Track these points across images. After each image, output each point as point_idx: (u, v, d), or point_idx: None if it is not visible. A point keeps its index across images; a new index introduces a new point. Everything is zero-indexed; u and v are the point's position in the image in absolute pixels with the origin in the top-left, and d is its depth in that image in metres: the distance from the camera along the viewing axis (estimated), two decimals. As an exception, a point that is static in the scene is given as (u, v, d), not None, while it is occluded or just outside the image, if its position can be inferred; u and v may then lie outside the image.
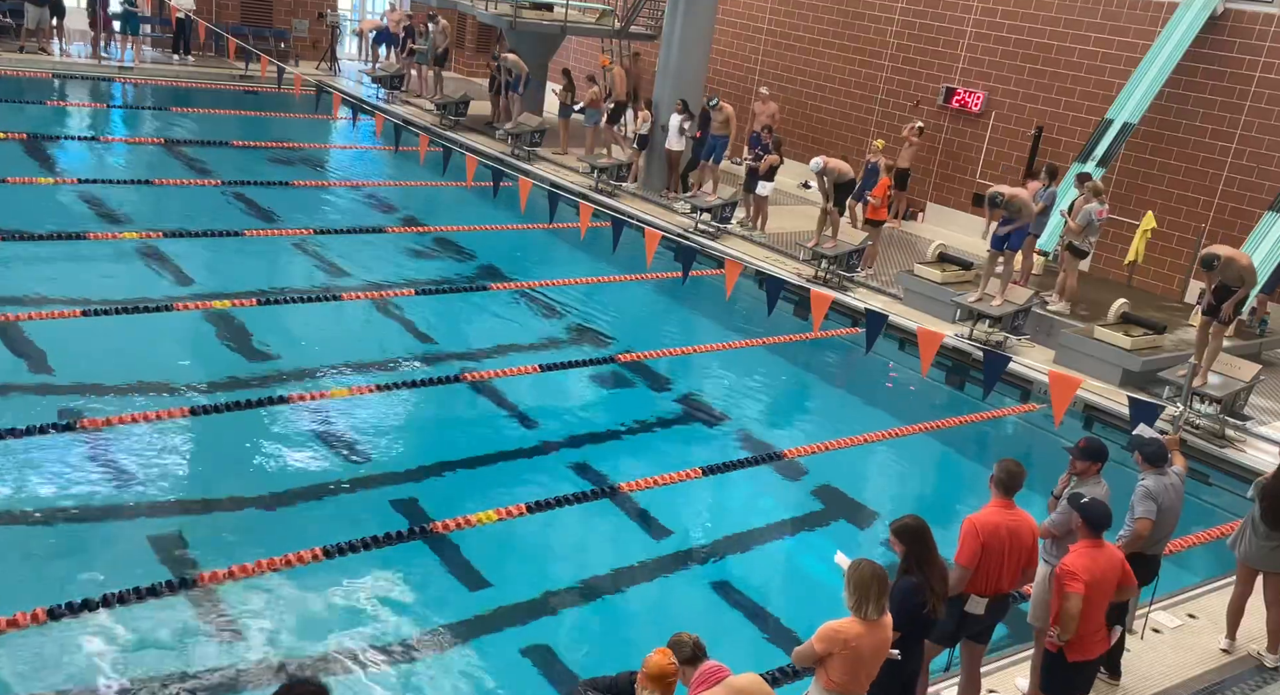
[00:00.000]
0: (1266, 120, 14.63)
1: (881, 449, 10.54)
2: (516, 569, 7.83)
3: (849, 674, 4.98)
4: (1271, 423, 11.50)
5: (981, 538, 5.78)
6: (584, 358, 11.92)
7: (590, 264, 15.05)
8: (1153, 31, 15.66)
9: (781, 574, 8.61)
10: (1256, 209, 14.54)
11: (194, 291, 12.05)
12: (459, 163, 14.06)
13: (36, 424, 8.51)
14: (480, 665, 6.75)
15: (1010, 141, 17.69)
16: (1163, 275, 15.79)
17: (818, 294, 9.85)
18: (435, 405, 10.46)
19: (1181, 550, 8.88)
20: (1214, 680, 7.03)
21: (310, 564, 7.32)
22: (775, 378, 12.50)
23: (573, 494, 8.74)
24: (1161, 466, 6.58)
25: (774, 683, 6.36)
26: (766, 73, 21.68)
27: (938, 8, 18.55)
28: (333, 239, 14.53)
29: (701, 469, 9.44)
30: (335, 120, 21.39)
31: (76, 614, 6.54)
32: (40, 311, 10.74)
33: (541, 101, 22.04)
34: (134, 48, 23.49)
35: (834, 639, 4.95)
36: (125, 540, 7.51)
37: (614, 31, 22.07)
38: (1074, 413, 11.35)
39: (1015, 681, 6.68)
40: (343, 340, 11.62)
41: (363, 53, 25.79)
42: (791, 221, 17.34)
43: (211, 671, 6.33)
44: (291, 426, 9.43)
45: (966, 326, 13.05)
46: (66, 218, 13.79)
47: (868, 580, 4.96)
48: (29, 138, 16.97)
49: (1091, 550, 5.71)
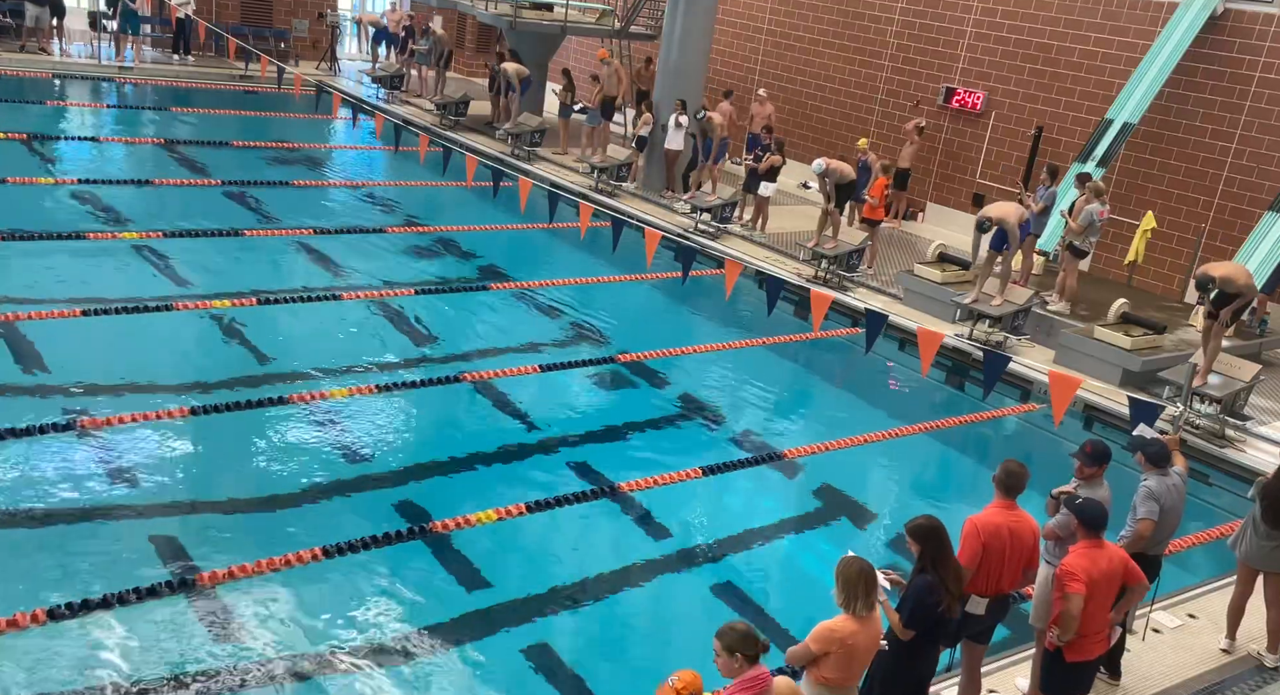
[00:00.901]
0: (1266, 120, 14.63)
1: (881, 449, 10.53)
2: (516, 569, 7.83)
3: (843, 670, 5.00)
4: (1271, 423, 11.50)
5: (983, 538, 5.78)
6: (584, 358, 11.91)
7: (590, 264, 15.05)
8: (1153, 31, 15.66)
9: (781, 574, 8.60)
10: (1256, 209, 14.54)
11: (194, 291, 12.05)
12: (459, 163, 14.05)
13: (36, 424, 8.51)
14: (480, 665, 6.75)
15: (1010, 141, 17.69)
16: (1163, 275, 15.79)
17: (818, 294, 9.85)
18: (435, 405, 10.46)
19: (1182, 550, 8.87)
20: (1214, 680, 7.02)
21: (310, 564, 7.32)
22: (775, 378, 12.49)
23: (573, 494, 8.73)
24: (1164, 467, 6.58)
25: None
26: (766, 73, 21.68)
27: (938, 8, 18.55)
28: (333, 239, 14.53)
29: (701, 469, 9.43)
30: (335, 120, 21.38)
31: (76, 614, 6.53)
32: (40, 311, 10.72)
33: (541, 101, 22.05)
34: (134, 48, 23.49)
35: (830, 639, 4.96)
36: (125, 540, 7.50)
37: (614, 31, 22.07)
38: (1074, 413, 11.34)
39: (1015, 681, 6.68)
40: (343, 340, 11.62)
41: (361, 47, 25.74)
42: (791, 221, 17.34)
43: (211, 671, 6.32)
44: (291, 426, 9.43)
45: (966, 326, 13.05)
46: (66, 218, 13.79)
47: (854, 577, 4.98)
48: (29, 137, 16.97)
49: (1092, 550, 5.71)
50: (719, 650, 4.66)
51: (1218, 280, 11.13)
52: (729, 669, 4.67)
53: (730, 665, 4.66)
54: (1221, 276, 11.17)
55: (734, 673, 4.67)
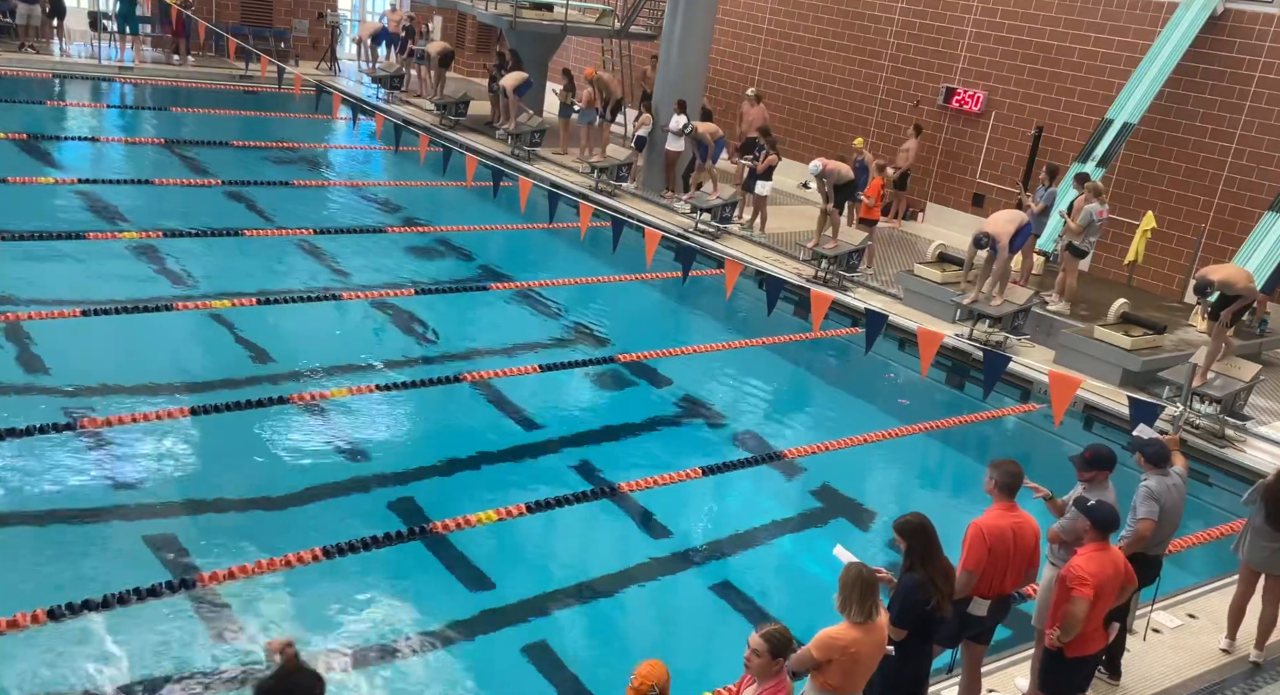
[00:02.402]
0: (1266, 120, 14.63)
1: (881, 449, 10.53)
2: (516, 569, 7.83)
3: (846, 677, 4.97)
4: (1271, 423, 11.50)
5: (988, 542, 5.77)
6: (584, 358, 11.92)
7: (590, 264, 15.05)
8: (1153, 31, 15.66)
9: (781, 574, 8.60)
10: (1256, 209, 14.54)
11: (194, 291, 12.05)
12: (459, 163, 14.05)
13: (36, 424, 8.51)
14: (480, 665, 6.75)
15: (1010, 141, 17.68)
16: (1163, 275, 15.79)
17: (818, 294, 9.85)
18: (435, 405, 10.46)
19: (1181, 550, 8.87)
20: (1214, 680, 7.02)
21: (310, 564, 7.32)
22: (775, 378, 12.50)
23: (573, 494, 8.73)
24: (1164, 467, 6.58)
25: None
26: (766, 73, 21.68)
27: (938, 8, 18.54)
28: (333, 239, 14.53)
29: (701, 469, 9.43)
30: (335, 120, 21.38)
31: (76, 614, 6.53)
32: (40, 311, 10.73)
33: (541, 101, 22.04)
34: (134, 48, 23.48)
35: (831, 647, 4.94)
36: (125, 540, 7.51)
37: (614, 31, 22.07)
38: (1074, 413, 11.34)
39: (1015, 681, 6.68)
40: (343, 340, 11.62)
41: (362, 55, 25.79)
42: (791, 221, 17.34)
43: (212, 672, 6.32)
44: (291, 426, 9.43)
45: (966, 326, 13.05)
46: (66, 218, 13.78)
47: (851, 583, 4.96)
48: (29, 137, 16.97)
49: (1099, 554, 5.71)
50: (762, 651, 4.62)
51: (1217, 283, 11.16)
52: (766, 670, 4.65)
53: (769, 667, 4.64)
54: (1221, 280, 11.20)
55: (769, 675, 4.66)
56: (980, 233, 12.94)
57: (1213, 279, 11.15)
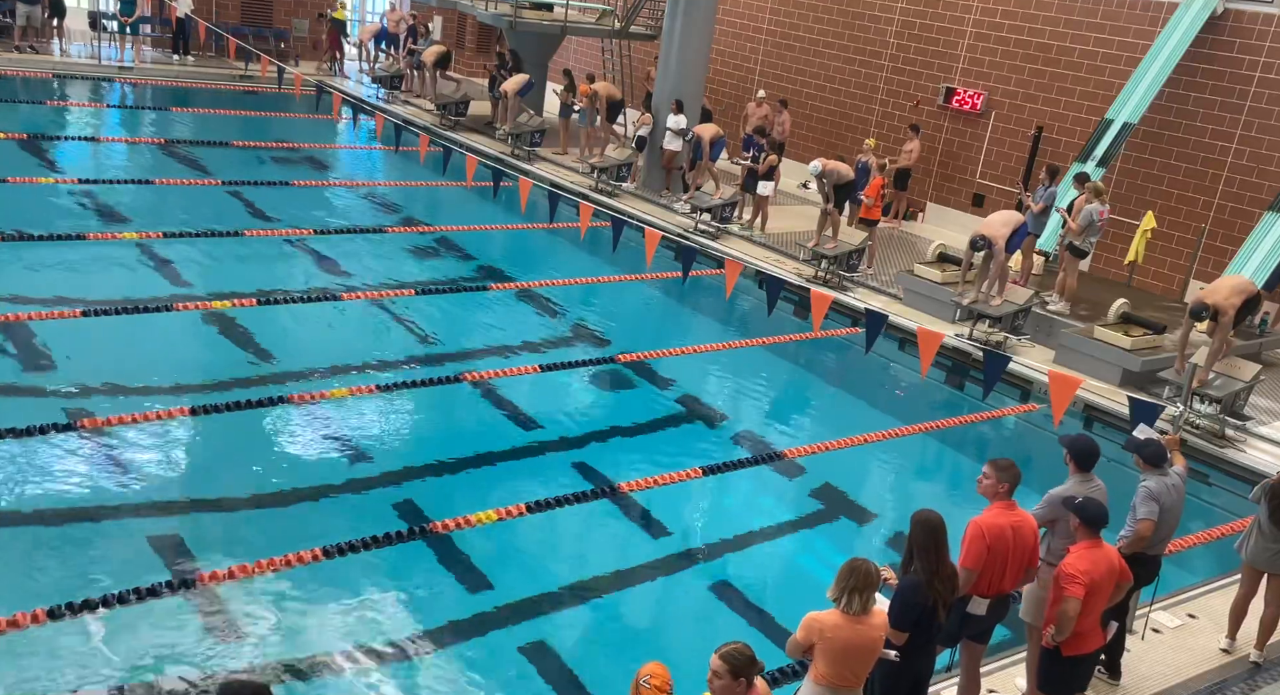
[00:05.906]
0: (1266, 120, 14.63)
1: (881, 449, 10.53)
2: (516, 569, 7.83)
3: (833, 666, 4.99)
4: (1271, 423, 11.50)
5: (988, 540, 5.77)
6: (584, 358, 11.91)
7: (590, 264, 15.05)
8: (1153, 31, 15.66)
9: (781, 574, 8.60)
10: (1256, 209, 14.54)
11: (194, 291, 12.05)
12: (459, 163, 14.06)
13: (37, 424, 8.51)
14: (480, 665, 6.75)
15: (1010, 141, 17.68)
16: (1163, 275, 15.79)
17: (818, 294, 9.85)
18: (435, 405, 10.46)
19: (1181, 550, 8.87)
20: (1214, 680, 7.02)
21: (310, 564, 7.31)
22: (775, 378, 12.50)
23: (573, 494, 8.73)
24: (1162, 467, 6.58)
25: (774, 683, 6.38)
26: (766, 73, 21.68)
27: (938, 8, 18.55)
28: (333, 239, 14.53)
29: (701, 469, 9.43)
30: (336, 120, 21.38)
31: (76, 614, 6.53)
32: (40, 311, 10.73)
33: (541, 101, 22.04)
34: (134, 48, 23.47)
35: (811, 627, 4.98)
36: (125, 540, 7.51)
37: (614, 32, 22.06)
38: (1074, 413, 11.34)
39: (1015, 681, 6.68)
40: (343, 340, 11.62)
41: (363, 55, 25.79)
42: (791, 221, 17.34)
43: (212, 672, 6.32)
44: (291, 426, 9.44)
45: (966, 326, 13.05)
46: (66, 218, 13.79)
47: (845, 573, 4.98)
48: (29, 137, 16.97)
49: (1091, 552, 5.71)
50: (722, 672, 4.45)
51: (1210, 308, 11.15)
52: (730, 691, 4.47)
53: (733, 688, 4.46)
54: (1216, 304, 11.17)
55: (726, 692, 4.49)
56: (976, 235, 12.95)
57: (1208, 303, 11.16)
